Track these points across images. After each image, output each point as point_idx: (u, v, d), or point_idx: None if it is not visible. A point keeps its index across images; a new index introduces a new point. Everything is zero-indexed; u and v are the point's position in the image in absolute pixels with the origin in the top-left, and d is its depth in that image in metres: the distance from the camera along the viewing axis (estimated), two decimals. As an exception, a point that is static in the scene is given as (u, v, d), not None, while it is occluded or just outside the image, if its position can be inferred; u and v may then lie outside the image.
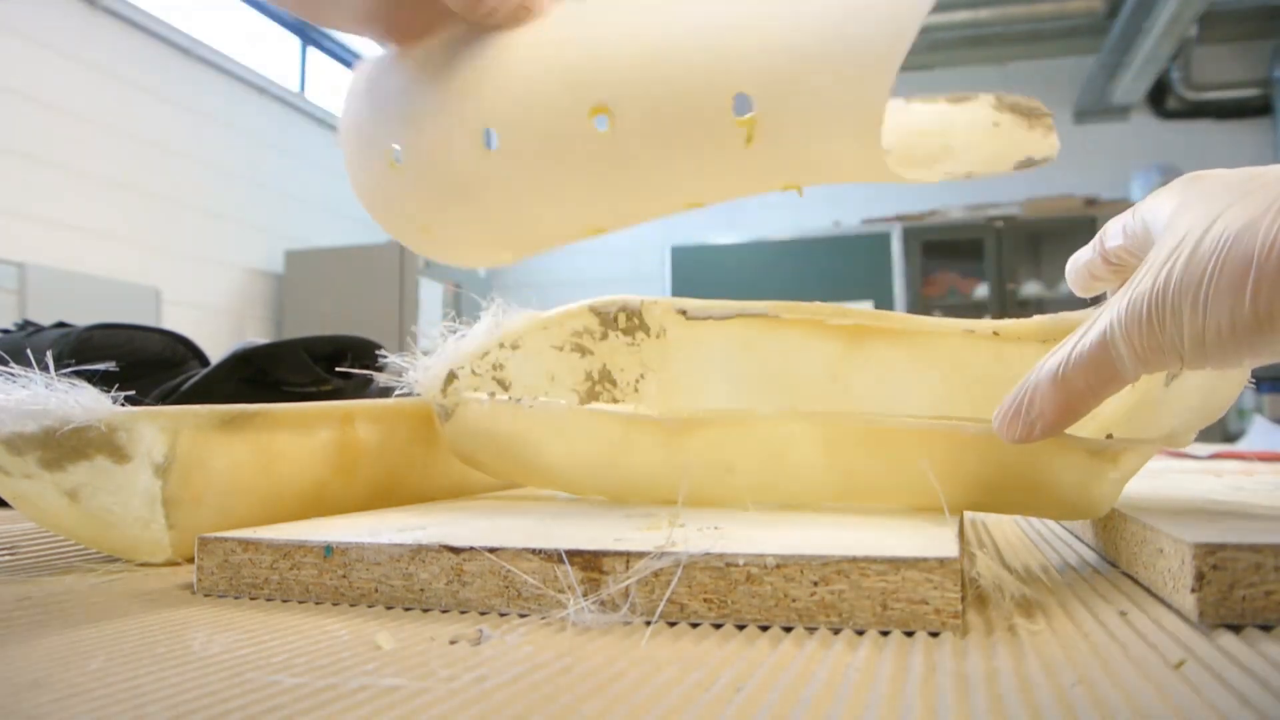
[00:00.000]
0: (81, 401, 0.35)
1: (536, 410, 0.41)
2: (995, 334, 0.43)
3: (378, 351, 0.50)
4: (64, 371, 0.36)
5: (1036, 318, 0.43)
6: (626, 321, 0.48)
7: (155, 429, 0.36)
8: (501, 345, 0.46)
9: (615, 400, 0.48)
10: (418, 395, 0.44)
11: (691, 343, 0.47)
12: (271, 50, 3.81)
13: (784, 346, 0.44)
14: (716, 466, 0.38)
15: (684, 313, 0.46)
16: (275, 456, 0.41)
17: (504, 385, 0.46)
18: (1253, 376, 0.36)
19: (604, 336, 0.48)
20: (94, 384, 0.36)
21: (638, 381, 0.48)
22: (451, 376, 0.44)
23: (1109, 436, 0.36)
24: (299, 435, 0.42)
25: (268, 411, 0.41)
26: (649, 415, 0.38)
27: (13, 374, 0.35)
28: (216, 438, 0.38)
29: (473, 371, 0.45)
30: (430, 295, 3.67)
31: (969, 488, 0.35)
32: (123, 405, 0.36)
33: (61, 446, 0.35)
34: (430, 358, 0.44)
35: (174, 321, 3.06)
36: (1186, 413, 0.35)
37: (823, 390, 0.44)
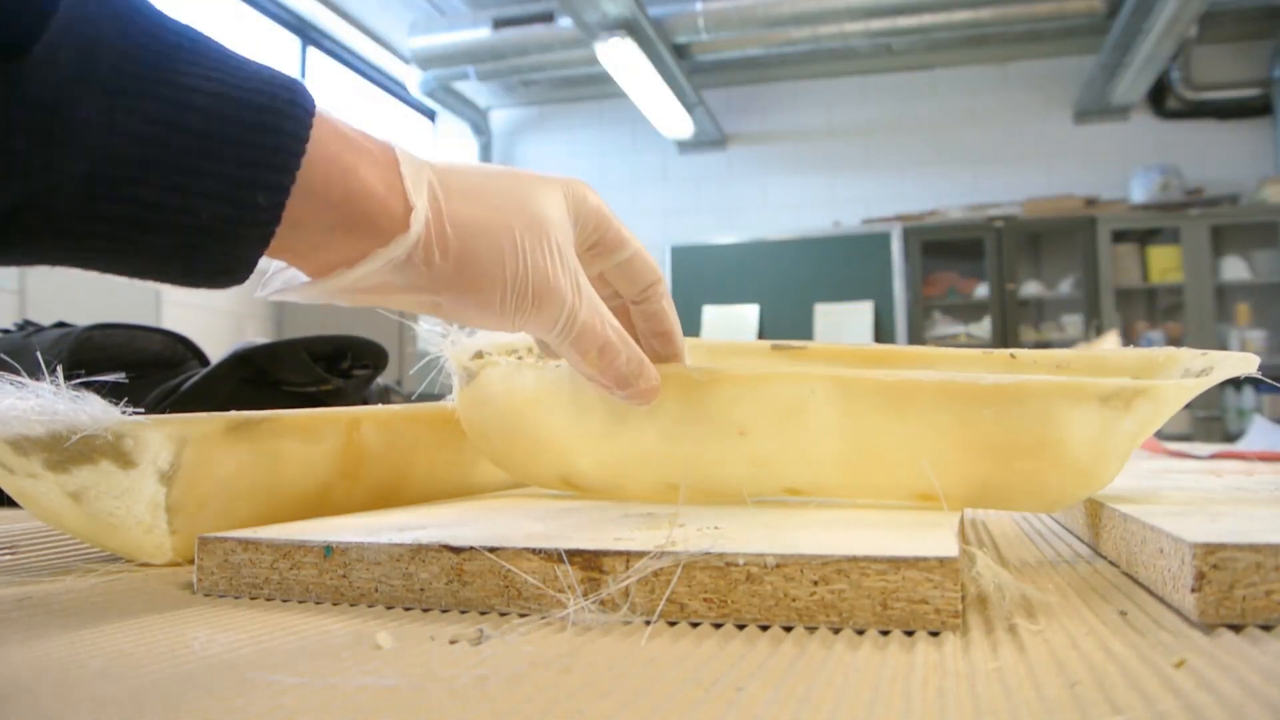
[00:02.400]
0: (89, 411, 0.35)
1: (561, 370, 0.41)
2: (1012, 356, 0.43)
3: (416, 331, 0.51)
4: (73, 383, 0.36)
5: (1050, 351, 0.44)
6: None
7: (162, 436, 0.36)
8: (530, 350, 0.47)
9: None
10: (441, 359, 0.45)
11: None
12: (271, 50, 3.81)
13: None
14: (729, 429, 0.38)
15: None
16: (281, 462, 0.41)
17: None
18: (1256, 375, 0.36)
19: None
20: (97, 388, 0.36)
21: None
22: (481, 353, 0.45)
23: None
24: (305, 441, 0.42)
25: (275, 418, 0.41)
26: (671, 368, 0.39)
27: (22, 382, 0.35)
28: (222, 445, 0.38)
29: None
30: (430, 295, 3.65)
31: (982, 453, 0.35)
32: (129, 413, 0.36)
33: (67, 451, 0.35)
34: (463, 335, 0.45)
35: (174, 321, 3.06)
36: None
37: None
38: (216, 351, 0.79)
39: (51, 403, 0.35)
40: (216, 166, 0.25)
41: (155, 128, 0.24)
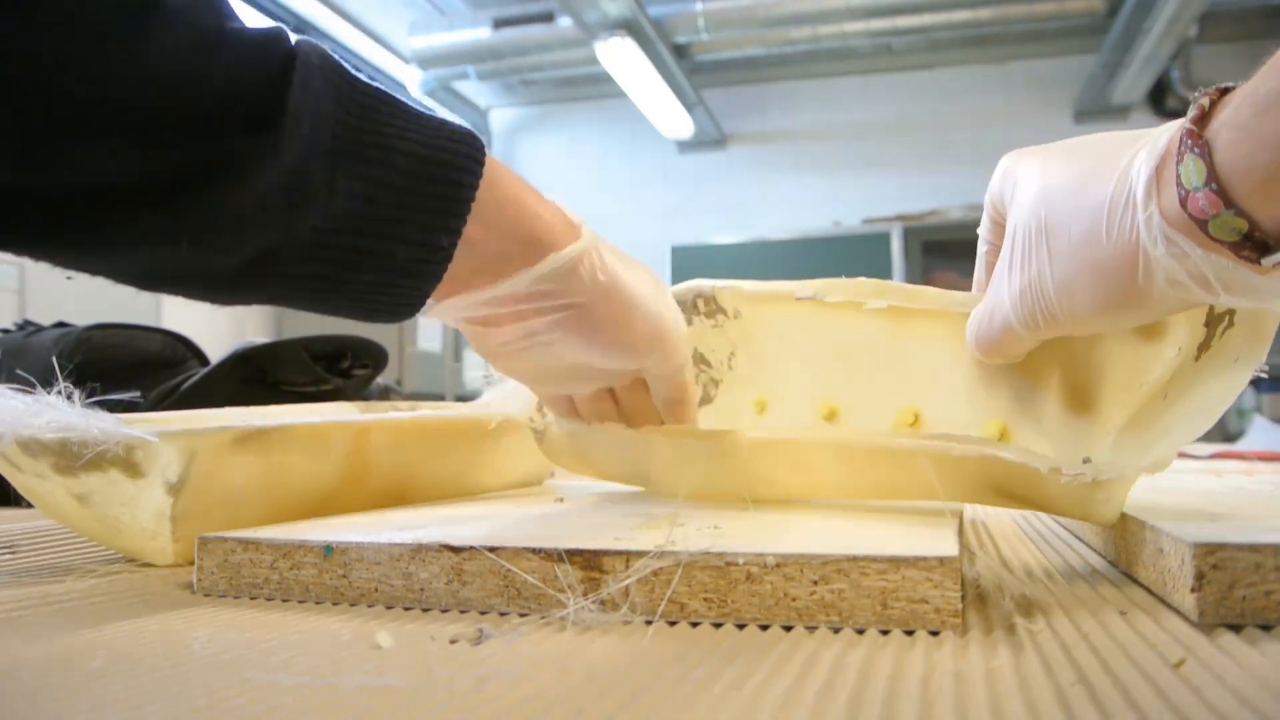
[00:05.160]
0: (101, 426, 0.35)
1: (599, 432, 0.42)
2: None
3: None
4: (76, 386, 0.36)
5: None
6: (705, 306, 0.50)
7: (172, 450, 0.36)
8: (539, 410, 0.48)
9: (714, 380, 0.50)
10: (508, 414, 0.49)
11: (765, 322, 0.49)
12: (271, 50, 3.80)
13: (840, 323, 0.46)
14: (758, 480, 0.39)
15: (750, 295, 0.50)
16: (288, 471, 0.41)
17: None
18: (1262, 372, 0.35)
19: (689, 323, 0.50)
20: (95, 385, 0.36)
21: (730, 359, 0.50)
22: (541, 410, 0.47)
23: (1086, 460, 0.36)
24: (313, 450, 0.42)
25: (284, 429, 0.40)
26: (694, 432, 0.40)
27: (32, 394, 0.35)
28: (231, 455, 0.38)
29: None
30: (430, 295, 3.65)
31: (973, 496, 0.35)
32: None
33: (77, 458, 0.35)
34: (501, 380, 0.49)
35: (174, 321, 3.05)
36: (1182, 420, 0.35)
37: (878, 360, 0.45)
38: (216, 351, 0.79)
39: (65, 416, 0.35)
40: (412, 215, 0.29)
41: (367, 187, 0.28)
